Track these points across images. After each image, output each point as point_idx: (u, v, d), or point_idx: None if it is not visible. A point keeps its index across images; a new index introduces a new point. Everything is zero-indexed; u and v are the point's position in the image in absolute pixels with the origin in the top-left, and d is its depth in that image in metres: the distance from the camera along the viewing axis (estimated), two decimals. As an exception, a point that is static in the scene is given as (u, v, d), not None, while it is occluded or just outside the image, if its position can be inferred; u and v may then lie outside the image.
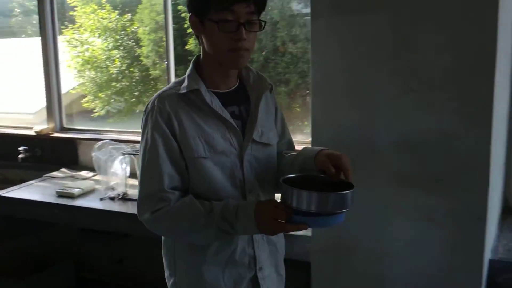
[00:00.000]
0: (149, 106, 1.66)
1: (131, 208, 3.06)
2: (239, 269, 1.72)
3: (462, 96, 2.15)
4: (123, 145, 3.37)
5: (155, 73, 4.87)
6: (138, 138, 3.75)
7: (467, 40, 2.10)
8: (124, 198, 3.19)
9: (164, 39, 4.07)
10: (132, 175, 3.38)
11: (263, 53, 4.08)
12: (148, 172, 1.63)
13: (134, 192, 3.26)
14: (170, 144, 1.60)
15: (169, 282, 1.80)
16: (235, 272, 1.72)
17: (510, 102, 2.85)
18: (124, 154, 3.22)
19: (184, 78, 1.68)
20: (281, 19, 4.02)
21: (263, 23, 1.60)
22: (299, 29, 4.00)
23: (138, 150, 3.24)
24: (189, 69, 1.69)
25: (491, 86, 2.10)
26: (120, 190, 3.22)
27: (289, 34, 4.02)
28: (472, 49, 2.10)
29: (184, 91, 1.63)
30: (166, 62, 3.95)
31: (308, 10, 3.91)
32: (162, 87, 1.71)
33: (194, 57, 1.72)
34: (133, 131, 4.11)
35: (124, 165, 3.23)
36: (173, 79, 3.94)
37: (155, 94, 1.68)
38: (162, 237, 1.81)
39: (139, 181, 1.67)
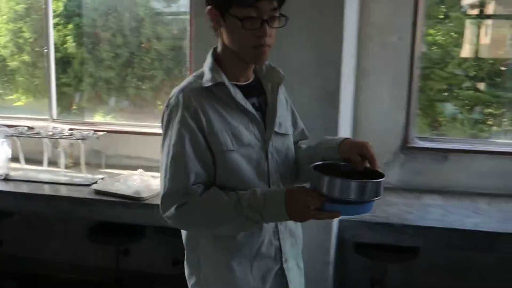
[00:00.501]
0: (172, 101, 1.66)
1: (13, 187, 3.29)
2: (266, 262, 1.74)
3: (317, 83, 2.82)
4: (6, 128, 3.53)
5: (13, 64, 4.91)
6: (12, 122, 4.00)
7: (321, 41, 2.80)
8: (7, 179, 3.38)
9: (24, 29, 4.32)
10: (14, 159, 3.56)
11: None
12: (173, 168, 1.62)
13: (16, 174, 3.47)
14: (197, 140, 1.61)
15: (190, 281, 1.81)
16: (263, 265, 1.73)
17: (354, 89, 3.58)
18: (7, 136, 3.39)
19: (203, 72, 1.70)
20: (145, 16, 4.36)
21: (284, 19, 1.63)
22: (164, 27, 4.39)
23: (21, 132, 3.48)
24: (208, 62, 1.71)
25: (338, 76, 2.80)
26: (2, 171, 3.39)
27: (154, 32, 4.36)
28: (326, 48, 2.79)
29: (209, 84, 1.64)
30: (46, 50, 4.19)
31: (171, 9, 4.40)
32: (22, 79, 1.69)
33: (211, 49, 1.75)
34: (8, 116, 4.29)
35: (6, 147, 3.40)
36: (53, 65, 4.19)
37: (177, 89, 1.69)
38: (184, 237, 1.81)
39: (163, 177, 1.65)
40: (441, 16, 4.05)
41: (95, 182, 3.38)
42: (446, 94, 4.06)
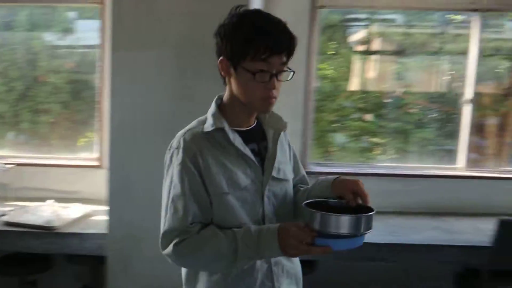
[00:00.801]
0: (173, 144, 1.82)
1: None
2: None
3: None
4: None
5: None
6: None
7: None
8: None
9: None
10: None
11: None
12: (172, 208, 1.76)
13: None
14: (195, 182, 1.75)
15: None
16: None
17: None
18: None
19: (206, 117, 1.85)
20: (41, 49, 4.55)
21: (291, 73, 1.80)
22: (61, 60, 4.58)
23: None
24: (212, 108, 1.86)
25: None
26: None
27: (50, 65, 4.54)
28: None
29: (209, 129, 1.78)
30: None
31: (67, 42, 4.60)
32: None
33: (216, 97, 1.90)
34: None
35: None
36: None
37: (180, 133, 1.84)
38: (183, 273, 1.92)
39: (163, 215, 1.79)
40: (332, 52, 4.61)
41: (4, 214, 3.52)
42: (336, 125, 4.60)
